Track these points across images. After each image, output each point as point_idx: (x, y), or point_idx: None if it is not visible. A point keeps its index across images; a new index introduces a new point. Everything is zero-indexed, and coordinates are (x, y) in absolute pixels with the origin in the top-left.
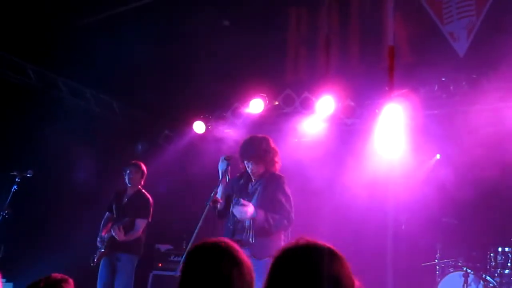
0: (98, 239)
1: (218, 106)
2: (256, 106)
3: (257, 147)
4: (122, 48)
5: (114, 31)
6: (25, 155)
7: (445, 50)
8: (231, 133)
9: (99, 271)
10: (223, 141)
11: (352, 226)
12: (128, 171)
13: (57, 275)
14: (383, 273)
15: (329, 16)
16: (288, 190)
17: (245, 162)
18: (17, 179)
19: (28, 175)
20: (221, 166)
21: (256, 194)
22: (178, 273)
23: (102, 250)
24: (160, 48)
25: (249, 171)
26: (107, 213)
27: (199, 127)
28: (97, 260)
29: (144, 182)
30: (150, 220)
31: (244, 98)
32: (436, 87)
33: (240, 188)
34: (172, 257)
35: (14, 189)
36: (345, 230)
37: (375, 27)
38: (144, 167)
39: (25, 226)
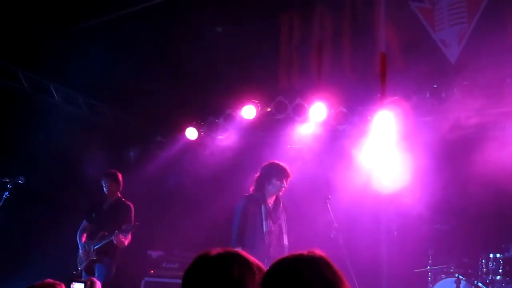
0: (83, 247)
1: (210, 112)
2: (248, 112)
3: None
4: (114, 54)
5: (106, 38)
6: (17, 162)
7: (436, 57)
8: (223, 139)
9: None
10: (215, 148)
11: (345, 233)
12: (104, 181)
13: (50, 280)
14: (376, 279)
15: (322, 23)
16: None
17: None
18: (8, 186)
19: (19, 181)
20: None
21: None
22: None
23: (93, 258)
24: (152, 54)
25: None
26: (84, 221)
27: (191, 133)
28: (84, 266)
29: (121, 190)
30: None
31: (236, 105)
32: (428, 94)
33: None
34: (164, 264)
35: (6, 195)
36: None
37: (367, 34)
38: (119, 176)
39: (17, 232)
